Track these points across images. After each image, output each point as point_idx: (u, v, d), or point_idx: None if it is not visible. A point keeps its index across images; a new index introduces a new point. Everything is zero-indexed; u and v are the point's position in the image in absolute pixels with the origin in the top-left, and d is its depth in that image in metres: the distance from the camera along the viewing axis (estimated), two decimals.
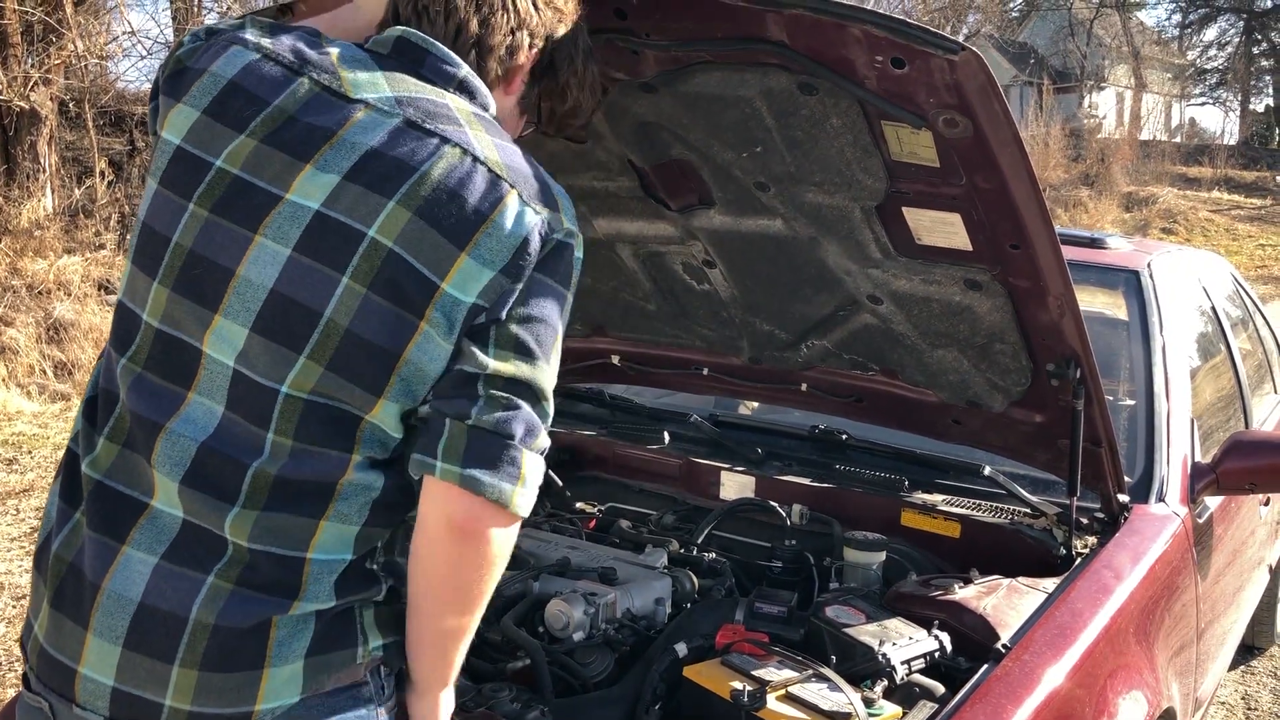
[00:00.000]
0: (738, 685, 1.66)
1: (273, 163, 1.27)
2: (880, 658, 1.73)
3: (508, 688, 1.70)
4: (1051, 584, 2.01)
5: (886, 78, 1.64)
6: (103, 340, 7.67)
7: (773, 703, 1.63)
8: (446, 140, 1.27)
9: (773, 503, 2.45)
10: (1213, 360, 3.37)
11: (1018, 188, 1.73)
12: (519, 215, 1.27)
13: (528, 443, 1.27)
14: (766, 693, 1.64)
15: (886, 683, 1.72)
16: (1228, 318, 3.66)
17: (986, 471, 2.37)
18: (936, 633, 1.82)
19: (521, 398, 1.27)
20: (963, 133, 1.67)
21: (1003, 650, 1.77)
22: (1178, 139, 31.17)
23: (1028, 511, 2.33)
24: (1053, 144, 20.85)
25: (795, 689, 1.66)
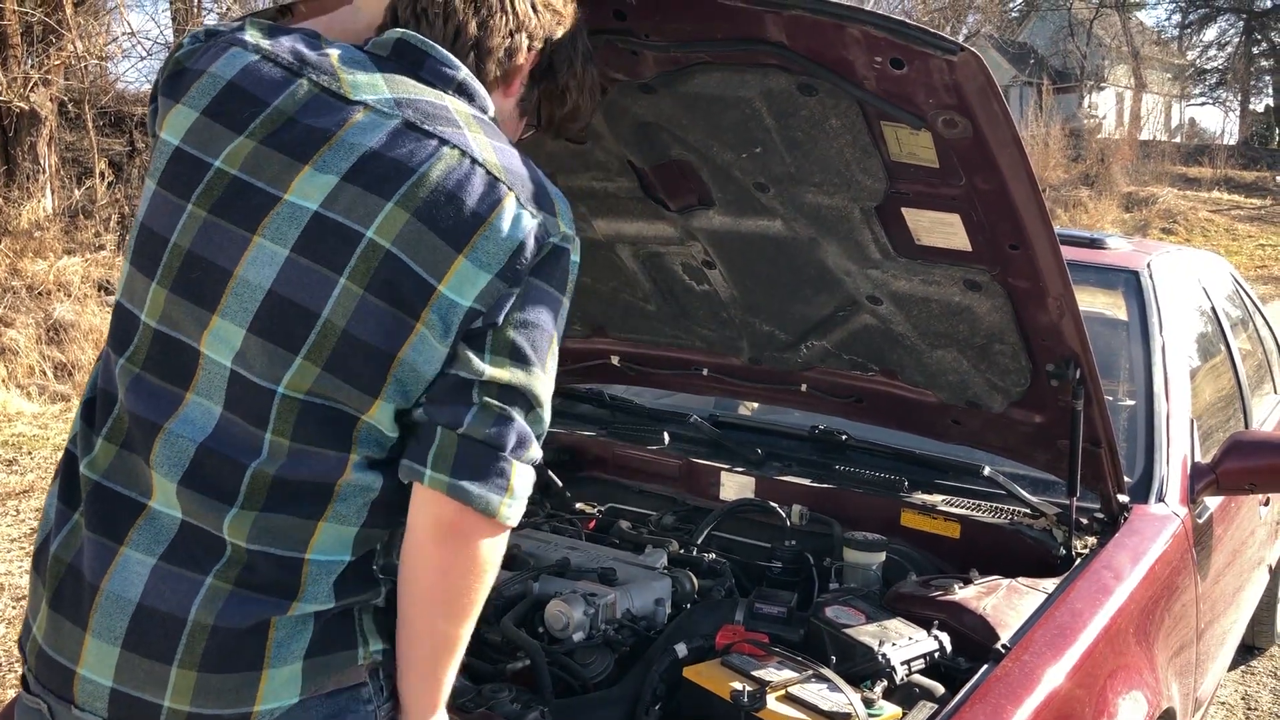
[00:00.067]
0: (737, 686, 1.66)
1: (271, 163, 1.27)
2: (880, 658, 1.73)
3: (507, 688, 1.70)
4: (1051, 584, 2.01)
5: (886, 78, 1.64)
6: (102, 341, 7.64)
7: (772, 703, 1.63)
8: (445, 142, 1.27)
9: (772, 503, 2.45)
10: (1212, 360, 3.37)
11: (1017, 188, 1.73)
12: (516, 218, 1.27)
13: (518, 454, 1.27)
14: (766, 693, 1.64)
15: (886, 683, 1.72)
16: (1227, 318, 3.66)
17: (986, 472, 2.36)
18: (936, 633, 1.82)
19: (516, 406, 1.27)
20: (962, 133, 1.67)
21: (1002, 650, 1.77)
22: (1178, 139, 31.17)
23: (1027, 512, 2.32)
24: (1052, 144, 20.84)
25: (795, 689, 1.66)
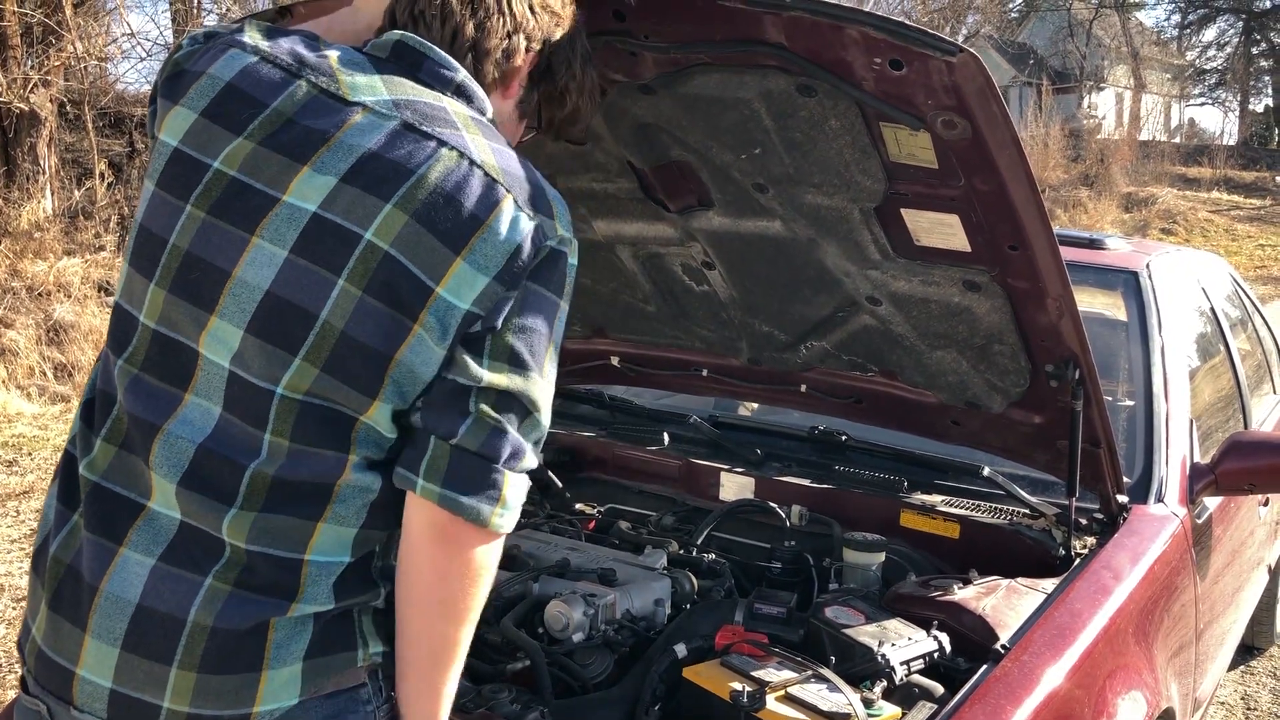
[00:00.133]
0: (737, 686, 1.66)
1: (270, 165, 1.27)
2: (879, 658, 1.73)
3: (507, 689, 1.70)
4: (1050, 584, 2.01)
5: (885, 79, 1.64)
6: (102, 342, 7.65)
7: (772, 703, 1.63)
8: (444, 143, 1.27)
9: (772, 504, 2.45)
10: (1212, 361, 3.37)
11: (1016, 189, 1.73)
12: (514, 220, 1.27)
13: (511, 465, 1.27)
14: (766, 693, 1.64)
15: (886, 683, 1.72)
16: (1227, 318, 3.66)
17: (985, 472, 2.36)
18: (936, 633, 1.82)
19: (512, 414, 1.27)
20: (961, 134, 1.67)
21: (1002, 651, 1.77)
22: (1177, 139, 31.18)
23: (1027, 512, 2.32)
24: (1052, 145, 20.85)
25: (794, 690, 1.66)
